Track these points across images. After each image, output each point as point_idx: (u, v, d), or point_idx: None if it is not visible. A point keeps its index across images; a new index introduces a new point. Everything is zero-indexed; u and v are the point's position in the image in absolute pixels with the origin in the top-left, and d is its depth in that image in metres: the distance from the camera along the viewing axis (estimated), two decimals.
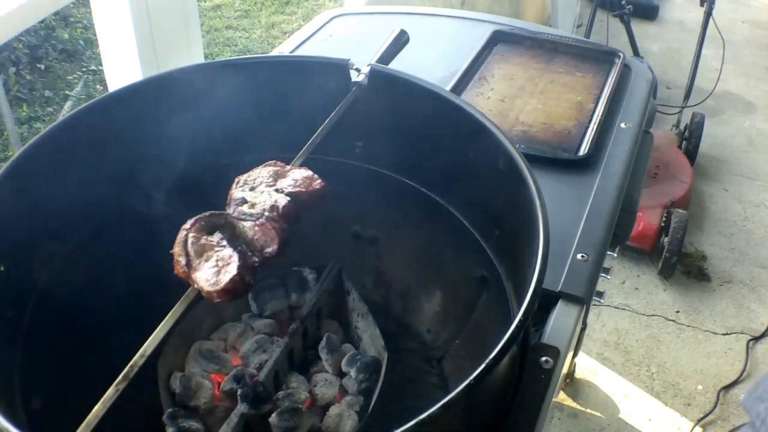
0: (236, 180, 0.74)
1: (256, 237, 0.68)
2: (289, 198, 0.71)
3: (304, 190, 0.73)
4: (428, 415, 0.51)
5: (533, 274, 0.62)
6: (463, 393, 0.53)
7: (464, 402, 0.54)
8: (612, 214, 1.02)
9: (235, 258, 0.65)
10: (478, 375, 0.54)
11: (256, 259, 0.67)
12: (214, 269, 0.65)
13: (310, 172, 0.75)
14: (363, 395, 0.82)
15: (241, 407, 0.74)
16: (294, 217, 0.71)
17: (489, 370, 0.55)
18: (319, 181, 0.74)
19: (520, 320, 0.58)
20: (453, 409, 0.53)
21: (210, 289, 0.64)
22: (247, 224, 0.68)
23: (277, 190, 0.72)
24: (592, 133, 1.16)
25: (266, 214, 0.69)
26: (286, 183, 0.73)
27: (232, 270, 0.64)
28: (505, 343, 0.56)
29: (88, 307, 0.81)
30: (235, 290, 0.64)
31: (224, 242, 0.67)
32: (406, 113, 0.87)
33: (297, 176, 0.74)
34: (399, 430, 0.50)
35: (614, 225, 1.02)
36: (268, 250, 0.67)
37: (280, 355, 0.81)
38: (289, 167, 0.76)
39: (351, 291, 0.92)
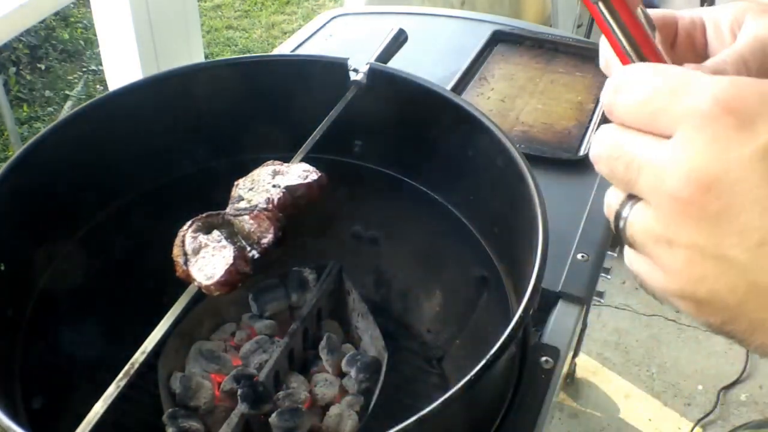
0: (235, 183, 0.74)
1: (252, 229, 0.68)
2: (285, 190, 0.71)
3: (301, 181, 0.73)
4: (429, 411, 0.51)
5: (533, 271, 0.62)
6: (465, 388, 0.53)
7: (465, 398, 0.54)
8: None
9: (230, 250, 0.65)
10: (479, 371, 0.54)
11: (255, 252, 0.67)
12: (210, 264, 0.65)
13: (307, 165, 0.76)
14: (363, 395, 0.82)
15: (241, 407, 0.74)
16: (291, 207, 0.71)
17: (490, 366, 0.55)
18: (315, 172, 0.74)
19: (520, 316, 0.58)
20: (454, 405, 0.53)
21: (207, 282, 0.64)
22: (243, 218, 0.69)
23: (274, 186, 0.72)
24: (592, 133, 1.16)
25: (260, 205, 0.69)
26: (284, 178, 0.73)
27: (227, 261, 0.64)
28: (506, 339, 0.56)
29: (88, 306, 0.82)
30: (231, 281, 0.64)
31: (221, 239, 0.67)
32: (404, 112, 0.87)
33: (294, 171, 0.75)
34: (400, 426, 0.50)
35: None
36: (265, 240, 0.67)
37: (280, 355, 0.81)
38: (287, 165, 0.76)
39: (351, 291, 0.92)
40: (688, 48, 0.43)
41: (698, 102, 0.30)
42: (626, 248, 0.35)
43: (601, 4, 0.36)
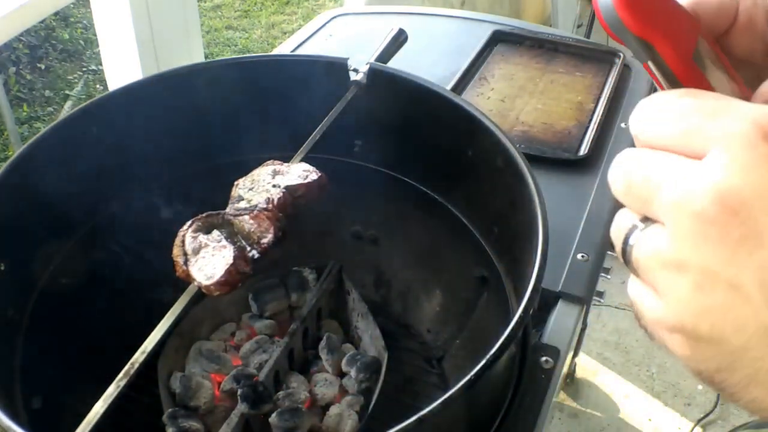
0: (235, 183, 0.75)
1: (252, 229, 0.68)
2: (285, 190, 0.71)
3: (301, 181, 0.73)
4: (429, 411, 0.51)
5: (533, 271, 0.62)
6: (464, 388, 0.53)
7: (465, 398, 0.54)
8: (612, 214, 1.01)
9: (230, 250, 0.66)
10: (478, 370, 0.54)
11: (255, 252, 0.67)
12: (210, 264, 0.65)
13: (307, 165, 0.76)
14: (363, 395, 0.82)
15: (241, 407, 0.74)
16: (291, 206, 0.71)
17: (490, 366, 0.55)
18: (315, 172, 0.75)
19: (520, 316, 0.58)
20: (454, 405, 0.53)
21: (207, 282, 0.64)
22: (243, 218, 0.69)
23: (274, 186, 0.72)
24: (592, 133, 1.16)
25: (260, 205, 0.69)
26: (284, 178, 0.74)
27: (227, 261, 0.65)
28: (506, 339, 0.56)
29: (88, 306, 0.82)
30: (231, 281, 0.64)
31: (221, 238, 0.67)
32: (404, 112, 0.87)
33: (294, 171, 0.75)
34: (400, 426, 0.50)
35: None
36: (265, 240, 0.68)
37: (280, 355, 0.82)
38: (287, 165, 0.76)
39: (351, 291, 0.92)
40: (745, 32, 0.38)
41: (737, 125, 0.28)
42: (630, 277, 0.33)
43: (651, 63, 0.34)
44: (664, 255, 0.29)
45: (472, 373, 0.54)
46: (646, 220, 0.31)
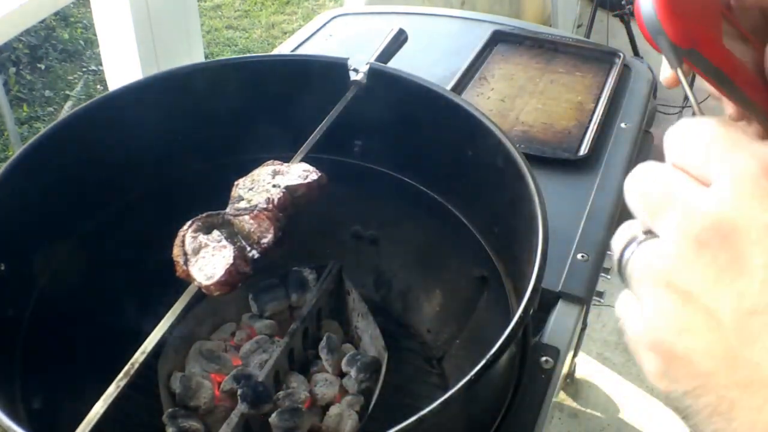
0: (235, 183, 0.75)
1: (252, 229, 0.68)
2: (284, 190, 0.72)
3: (301, 181, 0.73)
4: (429, 411, 0.51)
5: (533, 271, 0.62)
6: (464, 388, 0.53)
7: (465, 398, 0.54)
8: (612, 214, 1.02)
9: (230, 250, 0.66)
10: (479, 371, 0.54)
11: (255, 252, 0.67)
12: (210, 264, 0.65)
13: (307, 165, 0.76)
14: (363, 395, 0.82)
15: (241, 407, 0.74)
16: (291, 206, 0.71)
17: (490, 366, 0.55)
18: (315, 172, 0.75)
19: (520, 316, 0.58)
20: (454, 405, 0.53)
21: (207, 282, 0.64)
22: (243, 218, 0.69)
23: (274, 186, 0.72)
24: (592, 133, 1.16)
25: (260, 205, 0.70)
26: (284, 178, 0.74)
27: (227, 261, 0.65)
28: (506, 339, 0.56)
29: (88, 306, 0.82)
30: (231, 281, 0.64)
31: (221, 239, 0.67)
32: (405, 112, 0.87)
33: (294, 171, 0.75)
34: (400, 426, 0.50)
35: (614, 225, 1.02)
36: (265, 240, 0.68)
37: (280, 355, 0.82)
38: (287, 165, 0.76)
39: (351, 291, 0.92)
40: None
41: (747, 161, 0.30)
42: (622, 292, 0.35)
43: (695, 64, 0.35)
44: (656, 270, 0.31)
45: (472, 373, 0.54)
46: (648, 233, 0.33)
